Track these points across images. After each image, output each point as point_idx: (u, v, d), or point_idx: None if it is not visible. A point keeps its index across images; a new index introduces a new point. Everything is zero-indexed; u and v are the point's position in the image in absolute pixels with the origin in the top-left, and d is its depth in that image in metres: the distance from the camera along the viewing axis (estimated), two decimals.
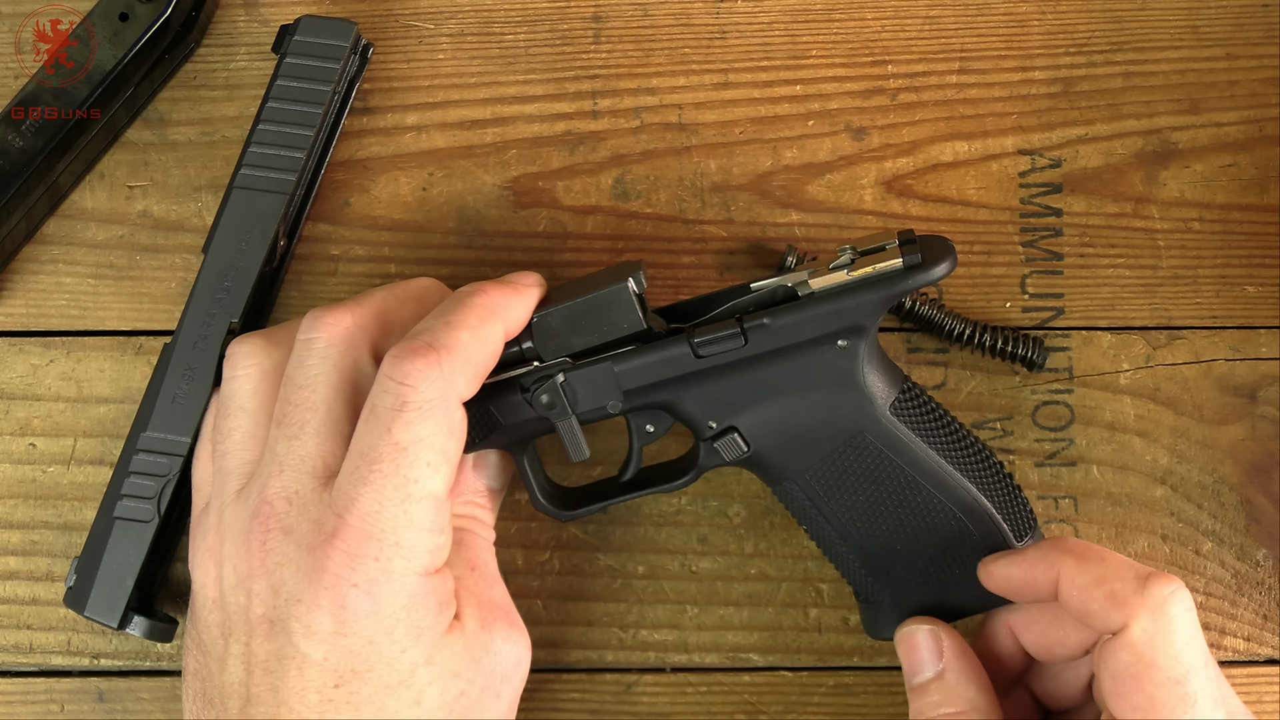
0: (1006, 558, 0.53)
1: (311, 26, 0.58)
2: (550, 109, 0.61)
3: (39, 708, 0.59)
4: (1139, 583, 0.48)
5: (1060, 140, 0.61)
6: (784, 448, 0.54)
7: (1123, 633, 0.48)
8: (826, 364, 0.52)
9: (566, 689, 0.60)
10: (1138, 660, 0.48)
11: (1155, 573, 0.48)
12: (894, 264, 0.50)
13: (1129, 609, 0.48)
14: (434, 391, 0.49)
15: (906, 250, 0.50)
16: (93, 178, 0.60)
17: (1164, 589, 0.48)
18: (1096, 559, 0.50)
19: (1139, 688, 0.47)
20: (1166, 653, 0.47)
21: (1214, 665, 0.48)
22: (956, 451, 0.53)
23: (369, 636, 0.49)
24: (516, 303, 0.52)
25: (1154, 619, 0.48)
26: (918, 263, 0.50)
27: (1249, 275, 0.61)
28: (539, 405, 0.53)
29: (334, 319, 0.52)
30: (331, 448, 0.50)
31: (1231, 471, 0.60)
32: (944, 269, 0.50)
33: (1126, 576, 0.49)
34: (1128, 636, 0.48)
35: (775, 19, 0.61)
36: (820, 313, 0.51)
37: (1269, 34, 0.61)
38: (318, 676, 0.49)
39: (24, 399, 0.60)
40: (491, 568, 0.55)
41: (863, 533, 0.54)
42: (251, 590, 0.49)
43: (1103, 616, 0.49)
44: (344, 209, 0.61)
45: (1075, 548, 0.51)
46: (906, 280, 0.50)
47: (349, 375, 0.51)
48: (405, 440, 0.48)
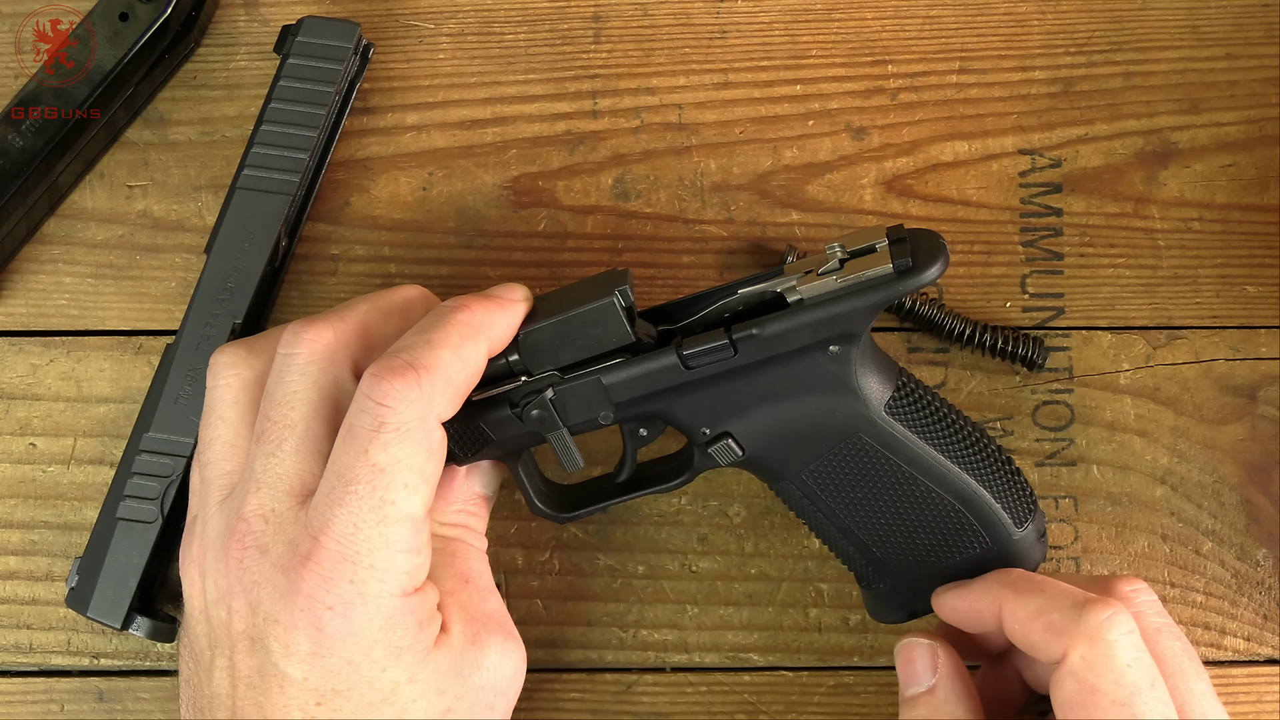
0: (953, 591, 0.53)
1: (314, 27, 0.58)
2: (550, 109, 0.61)
3: (39, 708, 0.59)
4: (1076, 611, 0.48)
5: (1060, 140, 0.61)
6: (779, 451, 0.53)
7: (1064, 661, 0.48)
8: (819, 370, 0.52)
9: (566, 689, 0.60)
10: (1081, 687, 0.48)
11: (1093, 599, 0.49)
12: (884, 269, 0.49)
13: (1067, 638, 0.48)
14: (412, 413, 0.48)
15: (896, 252, 0.49)
16: (93, 178, 0.60)
17: (1100, 615, 0.48)
18: (1035, 591, 0.50)
19: (1085, 714, 0.48)
20: (1107, 677, 0.48)
21: (1162, 684, 0.48)
22: (954, 444, 0.53)
23: (347, 657, 0.48)
24: (501, 319, 0.51)
25: (1092, 645, 0.48)
26: (908, 267, 0.49)
27: (1249, 275, 0.61)
28: (529, 420, 0.52)
29: (315, 334, 0.51)
30: (309, 466, 0.50)
31: (1231, 471, 0.60)
32: (935, 271, 0.49)
33: (1064, 606, 0.49)
34: (1069, 665, 0.48)
35: (775, 19, 0.61)
36: (810, 321, 0.50)
37: (1269, 34, 0.61)
38: (299, 695, 0.48)
39: (24, 399, 0.60)
40: (484, 579, 0.55)
41: (862, 527, 0.54)
42: (231, 607, 0.49)
43: (1044, 647, 0.49)
44: (344, 209, 0.61)
45: (1016, 581, 0.51)
46: (897, 285, 0.49)
47: (329, 393, 0.50)
48: (382, 462, 0.48)
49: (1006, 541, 0.54)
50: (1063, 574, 0.56)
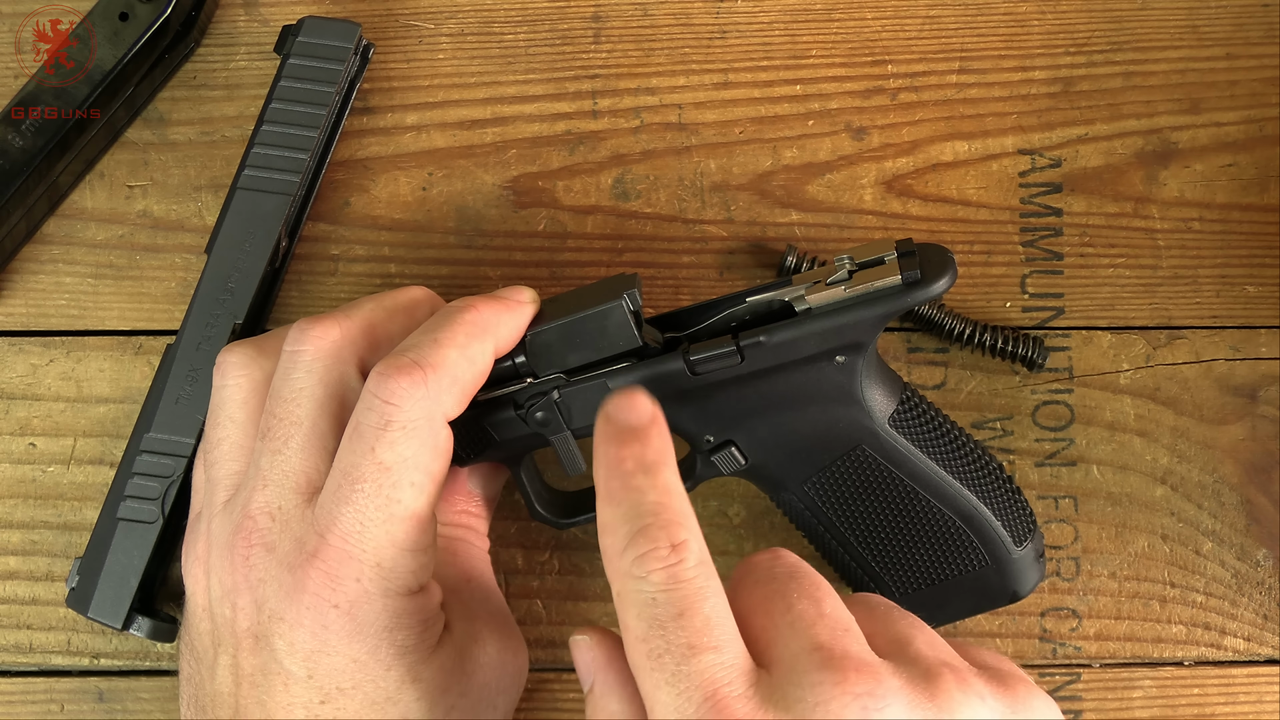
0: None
1: (315, 28, 0.58)
2: (550, 109, 0.61)
3: (39, 708, 0.59)
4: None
5: (1060, 140, 0.61)
6: (782, 461, 0.53)
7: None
8: (824, 380, 0.52)
9: (566, 689, 0.60)
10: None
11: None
12: (893, 281, 0.49)
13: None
14: (419, 411, 0.48)
15: (905, 264, 0.49)
16: (93, 177, 0.60)
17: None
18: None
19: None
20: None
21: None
22: (956, 460, 0.53)
23: (352, 656, 0.48)
24: (508, 320, 0.51)
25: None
26: (917, 279, 0.49)
27: (1249, 275, 0.61)
28: (533, 422, 0.52)
29: (321, 331, 0.51)
30: (315, 463, 0.50)
31: (1232, 471, 0.60)
32: (944, 284, 0.49)
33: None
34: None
35: (775, 19, 0.61)
36: (817, 330, 0.50)
37: (1269, 34, 0.61)
38: (303, 693, 0.48)
39: (24, 399, 0.60)
40: (487, 578, 0.55)
41: (862, 540, 0.54)
42: (236, 604, 0.49)
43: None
44: (344, 209, 0.61)
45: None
46: (905, 297, 0.49)
47: (335, 390, 0.50)
48: (389, 460, 0.48)
49: (1005, 559, 0.54)
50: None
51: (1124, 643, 0.60)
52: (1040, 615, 0.60)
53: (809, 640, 0.43)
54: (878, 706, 0.41)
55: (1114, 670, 0.60)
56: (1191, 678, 0.60)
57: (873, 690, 0.41)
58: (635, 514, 0.44)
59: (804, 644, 0.43)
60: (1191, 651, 0.60)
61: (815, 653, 0.42)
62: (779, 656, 0.43)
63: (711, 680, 0.42)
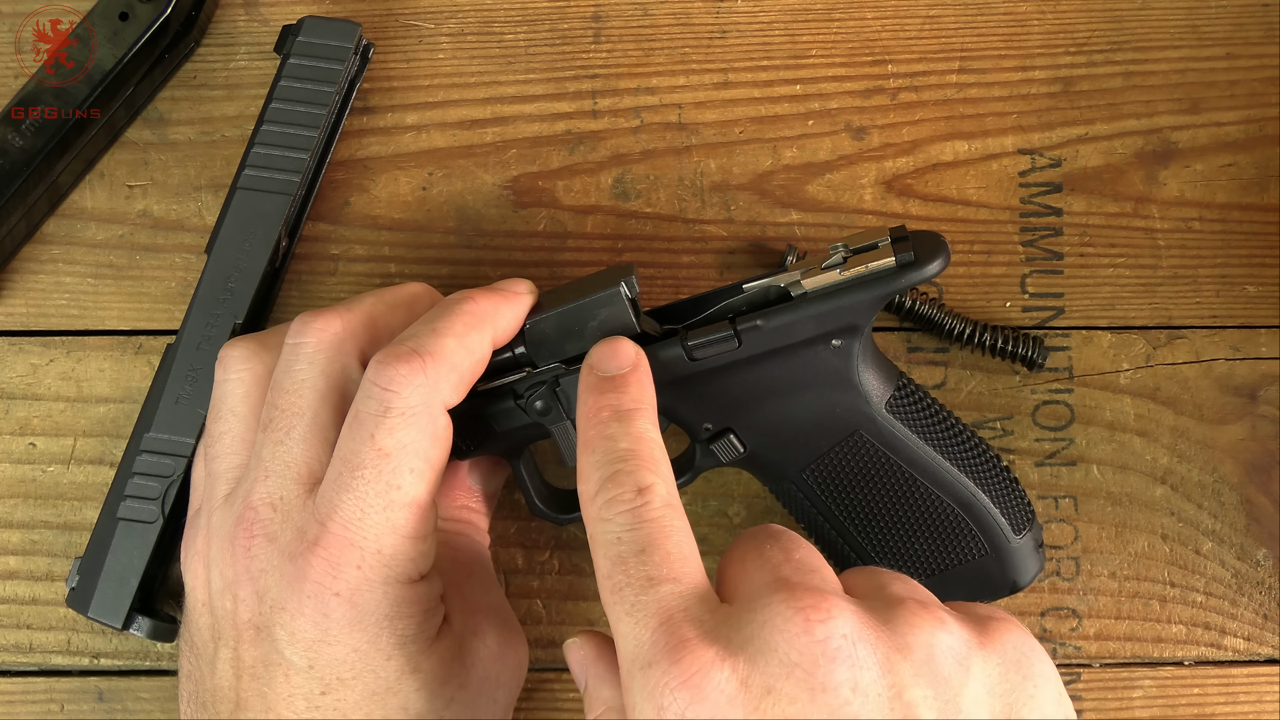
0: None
1: (315, 27, 0.58)
2: (550, 109, 0.61)
3: (39, 708, 0.59)
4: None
5: (1060, 140, 0.61)
6: (780, 448, 0.54)
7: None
8: (821, 364, 0.52)
9: (566, 689, 0.60)
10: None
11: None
12: (887, 262, 0.50)
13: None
14: (417, 397, 0.48)
15: (899, 248, 0.50)
16: (93, 177, 0.60)
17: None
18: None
19: None
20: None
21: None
22: (953, 447, 0.54)
23: (353, 645, 0.48)
24: (506, 310, 0.52)
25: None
26: (910, 260, 0.50)
27: (1249, 275, 0.61)
28: (533, 411, 0.53)
29: (322, 324, 0.51)
30: (317, 454, 0.50)
31: (1232, 471, 0.60)
32: (937, 266, 0.50)
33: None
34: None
35: (775, 19, 0.61)
36: (813, 313, 0.51)
37: (1269, 34, 0.61)
38: (304, 683, 0.48)
39: (24, 399, 0.60)
40: (487, 572, 0.55)
41: (861, 529, 0.54)
42: (237, 596, 0.49)
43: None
44: (344, 209, 0.61)
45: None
46: (900, 279, 0.50)
47: (336, 381, 0.51)
48: (388, 446, 0.48)
49: (1004, 548, 0.54)
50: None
51: (1124, 642, 0.60)
52: (1040, 615, 0.60)
53: (772, 575, 0.44)
54: (821, 618, 0.41)
55: (1114, 670, 0.60)
56: (1191, 677, 0.60)
57: (818, 604, 0.42)
58: (607, 460, 0.46)
59: (767, 579, 0.44)
60: (1191, 651, 0.60)
61: (775, 584, 0.43)
62: (743, 593, 0.44)
63: (667, 607, 0.43)
